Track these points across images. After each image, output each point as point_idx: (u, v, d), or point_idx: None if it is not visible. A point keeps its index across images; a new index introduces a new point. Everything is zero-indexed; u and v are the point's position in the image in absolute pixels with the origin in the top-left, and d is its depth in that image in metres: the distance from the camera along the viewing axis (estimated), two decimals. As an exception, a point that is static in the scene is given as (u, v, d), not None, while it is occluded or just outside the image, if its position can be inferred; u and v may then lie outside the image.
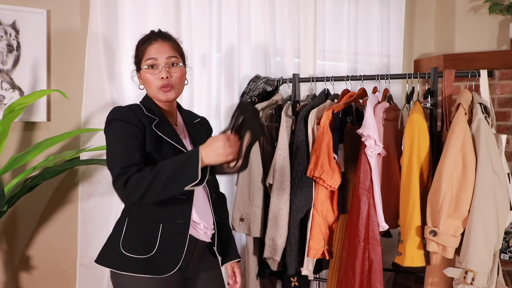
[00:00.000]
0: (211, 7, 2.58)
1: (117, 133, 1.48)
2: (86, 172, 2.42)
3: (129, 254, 1.51)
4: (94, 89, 2.38)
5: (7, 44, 2.27)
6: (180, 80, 1.60)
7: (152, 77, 1.56)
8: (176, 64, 1.58)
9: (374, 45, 2.98)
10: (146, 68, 1.57)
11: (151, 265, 1.49)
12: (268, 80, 2.59)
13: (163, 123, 1.57)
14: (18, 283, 2.36)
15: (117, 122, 1.49)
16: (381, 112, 2.25)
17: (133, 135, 1.47)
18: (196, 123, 1.73)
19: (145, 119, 1.53)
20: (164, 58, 1.56)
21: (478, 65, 2.58)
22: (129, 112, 1.51)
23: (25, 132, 2.34)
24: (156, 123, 1.54)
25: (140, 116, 1.52)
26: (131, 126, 1.48)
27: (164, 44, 1.59)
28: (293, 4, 2.78)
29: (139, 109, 1.56)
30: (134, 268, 1.50)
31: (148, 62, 1.56)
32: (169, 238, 1.51)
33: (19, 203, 2.25)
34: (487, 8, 2.80)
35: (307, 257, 2.31)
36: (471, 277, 1.83)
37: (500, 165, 1.93)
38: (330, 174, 2.18)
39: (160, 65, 1.56)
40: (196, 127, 1.72)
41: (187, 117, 1.73)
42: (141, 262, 1.50)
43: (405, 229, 2.04)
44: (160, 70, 1.55)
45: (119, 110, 1.53)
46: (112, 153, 1.47)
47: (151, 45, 1.58)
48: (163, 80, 1.55)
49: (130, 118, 1.49)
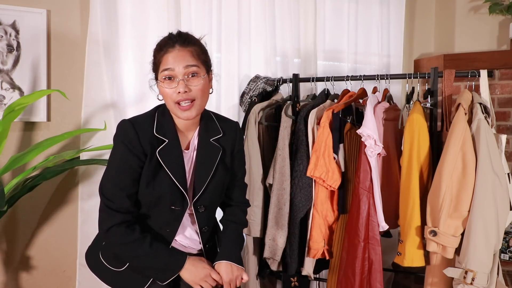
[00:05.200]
0: (211, 7, 2.58)
1: (117, 159, 1.45)
2: (86, 172, 2.42)
3: (105, 263, 1.54)
4: (94, 89, 2.38)
5: (7, 44, 2.27)
6: (202, 93, 1.43)
7: (168, 91, 1.41)
8: (197, 74, 1.41)
9: (374, 45, 2.98)
10: (163, 80, 1.42)
11: (122, 279, 1.50)
12: (268, 80, 2.59)
13: (171, 147, 1.45)
14: (18, 283, 2.36)
15: (120, 145, 1.43)
16: (381, 112, 2.25)
17: (131, 167, 1.42)
18: (211, 143, 1.53)
19: (151, 141, 1.43)
20: (182, 68, 1.39)
21: (478, 65, 2.58)
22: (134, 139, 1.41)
23: (25, 132, 2.34)
24: (163, 147, 1.44)
25: (145, 138, 1.42)
26: (133, 157, 1.42)
27: (183, 52, 1.41)
28: (293, 4, 2.78)
29: (150, 125, 1.45)
30: (108, 279, 1.54)
31: (165, 73, 1.40)
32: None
33: (19, 203, 2.25)
34: (487, 8, 2.80)
35: (307, 257, 2.31)
36: (471, 277, 1.83)
37: (500, 165, 1.92)
38: (330, 174, 2.19)
39: (178, 77, 1.40)
40: (209, 149, 1.52)
41: (204, 135, 1.53)
42: (114, 274, 1.52)
43: (405, 229, 2.04)
44: (177, 83, 1.40)
45: (125, 130, 1.43)
46: (107, 174, 1.46)
47: (168, 53, 1.41)
48: (181, 94, 1.40)
49: (133, 146, 1.41)
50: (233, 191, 1.68)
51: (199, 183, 1.50)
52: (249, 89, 2.58)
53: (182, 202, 1.48)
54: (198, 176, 1.50)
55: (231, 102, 2.65)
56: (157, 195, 1.45)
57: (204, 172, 1.50)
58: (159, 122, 1.47)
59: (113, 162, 1.46)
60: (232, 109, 2.64)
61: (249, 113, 2.45)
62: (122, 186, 1.42)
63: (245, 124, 2.45)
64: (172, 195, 1.46)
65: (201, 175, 1.50)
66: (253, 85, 2.57)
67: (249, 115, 2.44)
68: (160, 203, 1.47)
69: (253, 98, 2.55)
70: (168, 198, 1.46)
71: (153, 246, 1.43)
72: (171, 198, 1.46)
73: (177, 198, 1.47)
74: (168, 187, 1.45)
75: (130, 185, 1.43)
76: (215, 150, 1.53)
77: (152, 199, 1.46)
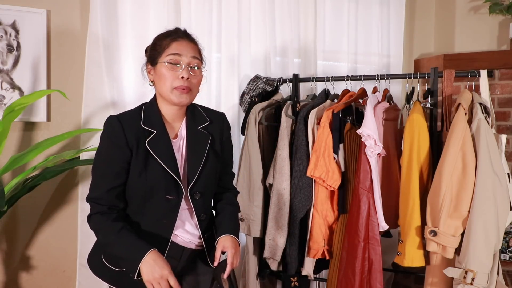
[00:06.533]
0: (211, 7, 2.58)
1: (101, 152, 1.49)
2: (86, 172, 2.42)
3: (107, 263, 1.53)
4: (94, 89, 2.38)
5: (7, 44, 2.27)
6: (197, 86, 1.52)
7: (170, 74, 1.46)
8: (198, 67, 1.50)
9: (374, 45, 2.98)
10: (167, 63, 1.46)
11: (124, 279, 1.49)
12: (268, 80, 2.59)
13: (160, 137, 1.49)
14: (18, 283, 2.36)
15: (105, 140, 1.48)
16: (381, 112, 2.25)
17: (113, 161, 1.46)
18: (199, 131, 1.57)
19: (138, 134, 1.46)
20: (189, 57, 1.47)
21: (478, 65, 2.58)
22: (118, 131, 1.45)
23: (25, 132, 2.34)
24: (151, 138, 1.47)
25: (131, 131, 1.45)
26: (116, 150, 1.45)
27: (191, 44, 1.51)
28: (293, 4, 2.78)
29: (136, 119, 1.49)
30: (111, 279, 1.53)
31: (171, 58, 1.46)
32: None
33: (19, 203, 2.25)
34: (487, 8, 2.80)
35: (307, 257, 2.32)
36: (471, 277, 1.83)
37: (500, 165, 1.92)
38: (330, 174, 2.19)
39: (184, 63, 1.46)
40: (198, 137, 1.56)
41: (192, 123, 1.58)
42: (116, 274, 1.51)
43: (405, 229, 2.04)
44: (182, 68, 1.46)
45: (111, 123, 1.47)
46: (93, 167, 1.51)
47: (177, 41, 1.48)
48: (183, 80, 1.45)
49: (117, 138, 1.45)
50: (225, 179, 1.72)
51: (192, 170, 1.52)
52: (249, 89, 2.58)
53: (177, 190, 1.49)
54: (190, 164, 1.52)
55: (231, 102, 2.66)
56: (150, 185, 1.46)
57: (195, 159, 1.53)
58: (146, 115, 1.51)
59: (97, 156, 1.51)
60: (232, 109, 2.64)
61: (249, 113, 2.45)
62: (103, 179, 1.47)
63: (245, 124, 2.45)
64: (166, 183, 1.47)
65: (193, 162, 1.52)
66: (253, 85, 2.57)
67: (249, 115, 2.44)
68: (155, 194, 1.48)
69: (253, 98, 2.55)
70: (162, 187, 1.47)
71: (121, 233, 1.42)
72: (165, 187, 1.48)
73: (171, 186, 1.48)
74: (160, 176, 1.46)
75: (111, 178, 1.46)
76: (204, 137, 1.57)
77: (147, 190, 1.47)
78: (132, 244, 1.42)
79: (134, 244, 1.42)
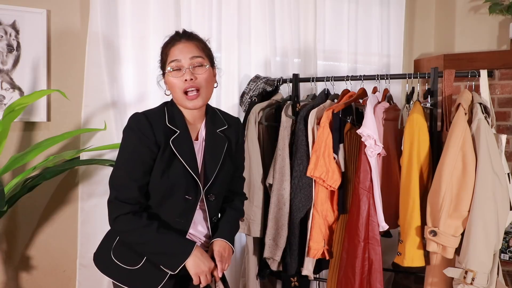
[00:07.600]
0: (211, 7, 2.58)
1: (129, 150, 1.47)
2: (86, 172, 2.42)
3: (118, 262, 1.53)
4: (94, 89, 2.38)
5: (7, 44, 2.27)
6: (207, 82, 1.51)
7: (176, 80, 1.48)
8: (202, 65, 1.50)
9: (374, 45, 2.98)
10: (170, 71, 1.49)
11: (137, 278, 1.49)
12: (268, 80, 2.59)
13: (183, 137, 1.50)
14: (18, 283, 2.36)
15: (132, 136, 1.46)
16: (381, 112, 2.25)
17: (142, 158, 1.45)
18: (217, 134, 1.59)
19: (164, 131, 1.48)
20: (188, 59, 1.48)
21: (478, 65, 2.58)
22: (147, 128, 1.46)
23: (25, 132, 2.34)
24: (175, 137, 1.49)
25: (159, 129, 1.47)
26: (145, 147, 1.45)
27: (188, 44, 1.50)
28: (293, 4, 2.78)
29: (162, 117, 1.51)
30: (121, 278, 1.52)
31: (172, 65, 1.48)
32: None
33: (19, 203, 2.25)
34: (487, 8, 2.80)
35: (307, 257, 2.31)
36: (471, 277, 1.83)
37: (500, 165, 1.92)
38: (330, 174, 2.19)
39: (184, 66, 1.47)
40: (216, 140, 1.58)
41: (211, 126, 1.59)
42: (128, 272, 1.51)
43: (405, 229, 2.04)
44: (184, 71, 1.47)
45: (139, 120, 1.47)
46: (118, 165, 1.48)
47: (174, 46, 1.50)
48: (187, 82, 1.47)
49: (146, 136, 1.45)
50: (236, 183, 1.73)
51: (209, 172, 1.54)
52: (249, 89, 2.58)
53: (196, 190, 1.51)
54: (208, 165, 1.54)
55: (231, 102, 2.66)
56: (171, 185, 1.48)
57: (213, 161, 1.55)
58: (169, 114, 1.53)
59: (124, 153, 1.48)
60: (232, 109, 2.64)
61: (249, 113, 2.45)
62: (133, 177, 1.45)
63: (245, 124, 2.45)
64: (186, 183, 1.49)
65: (211, 164, 1.54)
66: (253, 85, 2.57)
67: (249, 115, 2.44)
68: (174, 193, 1.49)
69: (253, 98, 2.55)
70: (183, 187, 1.49)
71: (160, 230, 1.45)
72: (186, 186, 1.49)
73: (191, 186, 1.50)
74: (182, 175, 1.48)
75: (141, 176, 1.46)
76: (222, 141, 1.59)
77: (167, 189, 1.48)
78: (177, 240, 1.47)
79: (179, 240, 1.48)
